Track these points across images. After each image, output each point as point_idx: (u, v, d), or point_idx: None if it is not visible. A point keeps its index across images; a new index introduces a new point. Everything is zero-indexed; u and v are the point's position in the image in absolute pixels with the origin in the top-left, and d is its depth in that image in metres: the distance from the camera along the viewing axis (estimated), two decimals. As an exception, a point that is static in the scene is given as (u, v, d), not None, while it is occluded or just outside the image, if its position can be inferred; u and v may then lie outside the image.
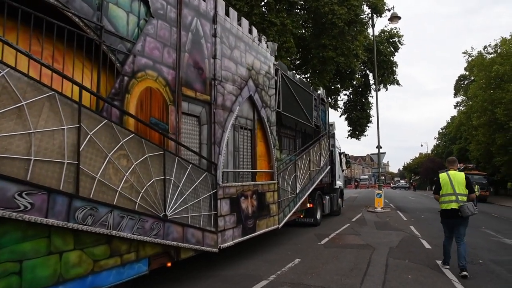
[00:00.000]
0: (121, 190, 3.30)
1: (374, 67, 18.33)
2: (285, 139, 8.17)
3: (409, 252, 6.66)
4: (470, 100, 30.77)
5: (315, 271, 5.29)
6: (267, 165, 6.62)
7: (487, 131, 26.22)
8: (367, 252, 6.63)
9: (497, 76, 24.56)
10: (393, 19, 17.74)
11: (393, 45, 22.27)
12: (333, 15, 13.76)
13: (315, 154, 9.62)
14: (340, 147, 14.16)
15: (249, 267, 5.58)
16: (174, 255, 4.11)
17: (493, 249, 7.14)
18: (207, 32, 4.88)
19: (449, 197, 5.16)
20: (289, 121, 7.88)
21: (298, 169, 8.09)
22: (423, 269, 5.39)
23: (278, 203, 6.74)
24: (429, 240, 7.92)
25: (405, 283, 4.70)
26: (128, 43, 3.67)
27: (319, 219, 10.17)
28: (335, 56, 14.80)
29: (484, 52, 29.73)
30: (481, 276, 5.04)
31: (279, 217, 6.81)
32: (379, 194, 16.10)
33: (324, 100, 11.23)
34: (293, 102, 8.03)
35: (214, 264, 5.76)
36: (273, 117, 6.79)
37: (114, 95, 3.43)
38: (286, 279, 4.88)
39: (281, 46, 13.28)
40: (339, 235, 8.71)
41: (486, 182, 23.33)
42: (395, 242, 7.75)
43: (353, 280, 4.80)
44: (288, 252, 6.64)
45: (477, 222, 11.70)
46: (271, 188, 6.51)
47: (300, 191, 8.11)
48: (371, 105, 22.62)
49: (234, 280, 4.90)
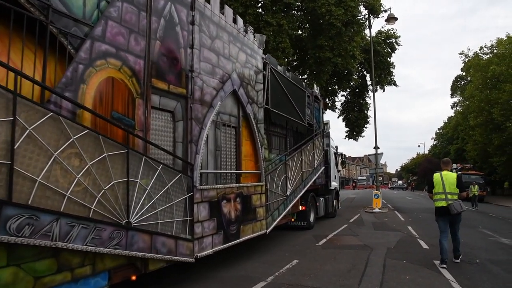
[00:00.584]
0: (71, 195, 2.84)
1: (371, 67, 18.19)
2: (274, 138, 7.70)
3: (406, 253, 6.64)
4: (467, 101, 30.66)
5: (313, 272, 5.27)
6: (254, 165, 6.16)
7: (484, 131, 26.10)
8: (365, 253, 6.60)
9: (493, 76, 24.50)
10: (389, 20, 17.66)
11: (390, 45, 22.29)
12: (330, 16, 13.76)
13: (308, 154, 9.15)
14: (335, 146, 13.70)
15: (247, 268, 5.54)
16: (141, 267, 3.65)
17: (490, 248, 7.13)
18: (184, 19, 4.43)
19: (440, 195, 5.65)
20: (279, 119, 7.42)
21: (289, 169, 7.63)
22: (421, 269, 5.39)
23: (266, 206, 6.29)
24: (426, 240, 7.90)
25: (402, 283, 4.69)
26: (85, 26, 3.22)
27: (312, 222, 9.71)
28: (332, 57, 14.74)
29: (481, 52, 29.70)
30: (478, 276, 5.06)
31: (267, 222, 6.36)
32: (377, 195, 16.06)
33: (318, 97, 10.71)
34: (284, 99, 7.57)
35: (212, 265, 5.67)
36: (260, 114, 6.33)
37: (65, 85, 2.97)
38: (284, 280, 4.85)
39: (277, 47, 13.14)
40: (337, 236, 8.64)
41: (483, 182, 23.09)
42: (393, 242, 7.74)
43: (351, 281, 4.78)
44: (286, 253, 6.59)
45: (474, 222, 11.74)
46: (258, 190, 6.06)
47: (291, 193, 7.66)
48: (368, 106, 22.72)
49: (232, 281, 4.85)
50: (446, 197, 5.56)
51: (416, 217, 13.30)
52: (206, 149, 4.85)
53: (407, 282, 4.73)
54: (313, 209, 9.91)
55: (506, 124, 22.40)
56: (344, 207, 18.50)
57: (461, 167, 28.84)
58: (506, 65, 22.65)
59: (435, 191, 5.72)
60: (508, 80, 22.63)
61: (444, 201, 5.56)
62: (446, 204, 5.51)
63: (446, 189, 5.57)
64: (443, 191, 5.59)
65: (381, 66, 21.44)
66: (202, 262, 5.69)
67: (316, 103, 10.44)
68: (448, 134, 43.10)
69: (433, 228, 8.93)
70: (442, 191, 5.61)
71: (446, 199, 5.55)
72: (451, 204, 5.45)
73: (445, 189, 5.58)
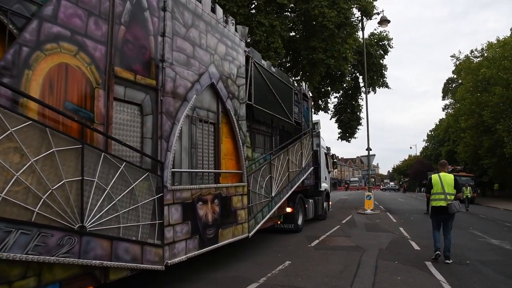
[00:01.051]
0: (7, 195, 2.46)
1: (364, 69, 18.10)
2: (258, 136, 7.23)
3: (398, 254, 6.66)
4: (458, 103, 30.86)
5: (305, 273, 5.26)
6: (235, 165, 5.80)
7: (475, 133, 26.27)
8: (357, 254, 6.60)
9: (483, 79, 24.71)
10: (382, 22, 17.67)
11: (383, 48, 22.38)
12: (323, 18, 13.72)
13: (296, 153, 8.75)
14: (327, 147, 13.35)
15: (240, 269, 5.51)
16: (100, 277, 3.27)
17: (480, 249, 7.19)
18: (154, 4, 4.06)
19: (439, 195, 5.89)
20: (264, 116, 7.06)
21: (275, 170, 7.27)
22: (412, 270, 5.42)
23: (248, 209, 5.92)
24: (418, 241, 7.92)
25: (394, 284, 4.70)
26: (31, 4, 2.84)
27: (300, 225, 9.35)
28: (325, 58, 14.66)
29: (471, 56, 30.00)
30: (469, 277, 5.09)
31: (250, 225, 5.99)
32: (369, 196, 16.00)
33: (307, 95, 10.26)
34: (269, 95, 7.22)
35: (204, 266, 5.66)
36: (242, 110, 5.96)
37: (3, 69, 2.58)
38: (276, 281, 4.83)
39: (268, 47, 13.00)
40: (329, 237, 8.63)
41: (473, 184, 23.12)
42: (385, 243, 7.75)
43: (343, 282, 4.78)
44: (279, 254, 6.56)
45: (465, 223, 11.79)
46: (239, 191, 5.70)
47: (277, 194, 7.30)
48: (361, 108, 22.81)
49: (224, 282, 4.83)
50: (445, 197, 5.81)
51: (407, 218, 13.33)
52: (180, 146, 4.47)
53: (398, 283, 4.73)
54: (302, 211, 9.53)
55: (496, 126, 22.54)
56: (336, 208, 18.46)
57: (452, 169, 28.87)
58: (496, 68, 22.85)
59: (433, 191, 5.97)
60: (498, 83, 22.83)
61: (443, 201, 5.81)
62: (446, 204, 5.77)
63: (445, 189, 5.83)
64: (442, 191, 5.84)
65: (373, 68, 21.50)
66: (193, 263, 5.58)
67: (304, 102, 10.01)
68: (440, 136, 43.35)
69: (425, 229, 9.10)
70: (441, 191, 5.86)
71: (445, 199, 5.80)
72: (450, 204, 5.72)
73: (444, 190, 5.83)
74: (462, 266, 5.66)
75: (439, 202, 5.86)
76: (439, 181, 5.91)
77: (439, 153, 42.21)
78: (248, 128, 6.31)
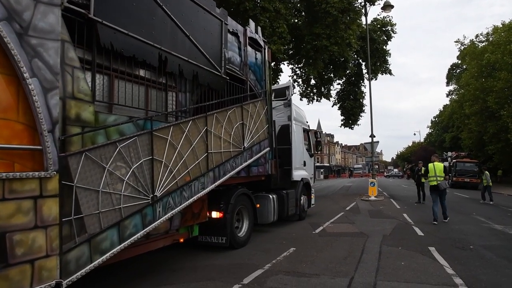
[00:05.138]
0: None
1: (367, 55, 18.06)
2: (127, 86, 3.95)
3: (402, 239, 6.69)
4: (462, 89, 30.71)
5: (310, 259, 5.27)
6: (21, 132, 2.62)
7: (479, 119, 26.20)
8: (361, 240, 6.62)
9: (488, 64, 24.51)
10: (386, 7, 17.54)
11: (386, 33, 22.24)
12: (326, 3, 13.64)
13: (230, 125, 5.54)
14: (307, 122, 10.11)
15: (244, 256, 5.51)
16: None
17: (484, 235, 7.25)
18: None
19: (433, 178, 8.76)
20: (134, 47, 3.76)
21: (166, 147, 4.08)
22: (416, 256, 5.46)
23: (66, 225, 2.85)
24: (421, 227, 7.97)
25: (398, 269, 4.73)
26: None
27: (242, 236, 6.17)
28: (328, 45, 14.59)
29: (476, 40, 29.69)
30: (472, 261, 5.17)
31: (68, 260, 2.82)
32: (373, 183, 16.01)
33: (259, 43, 7.04)
34: (159, 17, 4.16)
35: (209, 253, 5.66)
36: (51, 19, 2.77)
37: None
38: (281, 267, 4.84)
39: (273, 32, 12.82)
40: (333, 224, 8.66)
41: (477, 170, 23.28)
42: (389, 229, 7.80)
43: (347, 268, 4.81)
44: (283, 241, 6.56)
45: (468, 209, 11.94)
46: (29, 189, 2.59)
47: (173, 191, 4.15)
48: (364, 95, 22.70)
49: (229, 269, 4.82)
50: (436, 178, 8.67)
51: (411, 204, 13.37)
52: None
53: (402, 268, 4.79)
54: (246, 214, 6.48)
55: (500, 112, 22.49)
56: (340, 195, 18.61)
57: (456, 155, 29.03)
58: (501, 53, 22.55)
59: (429, 175, 8.81)
60: (503, 68, 22.61)
61: (435, 181, 8.67)
62: (437, 183, 8.61)
63: (436, 173, 8.68)
64: (434, 175, 8.70)
65: (376, 54, 21.38)
66: (199, 250, 5.74)
67: (255, 52, 6.93)
68: (444, 123, 43.31)
69: (428, 215, 9.20)
70: (433, 175, 8.72)
71: (436, 180, 8.66)
72: (440, 183, 8.61)
73: (436, 174, 8.69)
74: (465, 251, 5.72)
75: (433, 182, 8.70)
76: (433, 168, 8.74)
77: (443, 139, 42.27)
78: (82, 62, 3.27)
